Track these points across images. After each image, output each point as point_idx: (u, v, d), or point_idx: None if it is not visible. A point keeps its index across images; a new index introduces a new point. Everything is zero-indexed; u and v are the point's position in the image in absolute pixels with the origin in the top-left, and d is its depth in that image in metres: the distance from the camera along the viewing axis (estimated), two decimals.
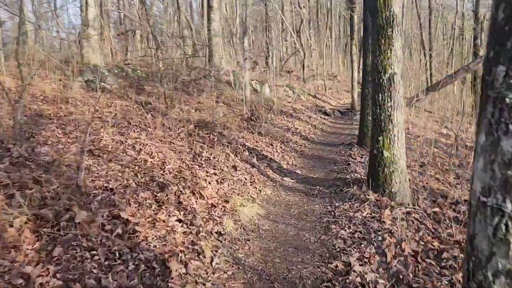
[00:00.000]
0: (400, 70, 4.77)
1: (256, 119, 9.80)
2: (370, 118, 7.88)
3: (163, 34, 16.83)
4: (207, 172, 5.09)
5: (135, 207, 3.61)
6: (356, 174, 5.97)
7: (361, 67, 15.43)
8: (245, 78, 11.22)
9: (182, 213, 3.78)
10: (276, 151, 7.25)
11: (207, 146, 6.25)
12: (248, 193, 4.96)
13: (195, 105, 9.53)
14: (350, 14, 28.65)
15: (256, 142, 7.46)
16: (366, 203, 4.55)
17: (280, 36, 24.28)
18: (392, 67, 4.70)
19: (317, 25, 32.55)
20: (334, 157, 7.54)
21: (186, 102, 9.48)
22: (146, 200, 3.82)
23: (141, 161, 4.87)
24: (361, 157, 7.42)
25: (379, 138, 4.85)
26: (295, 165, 6.83)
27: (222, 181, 4.97)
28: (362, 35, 14.37)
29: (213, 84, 12.16)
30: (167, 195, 4.02)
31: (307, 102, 15.33)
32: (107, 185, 3.92)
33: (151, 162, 4.91)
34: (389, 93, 4.73)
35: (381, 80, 4.75)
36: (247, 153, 6.51)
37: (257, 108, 10.92)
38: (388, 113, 4.76)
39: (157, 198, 3.94)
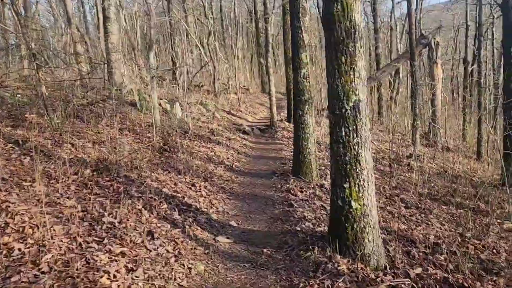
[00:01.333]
0: (366, 96, 3.69)
1: (170, 149, 8.24)
2: (306, 143, 6.84)
3: (48, 50, 14.35)
4: (110, 252, 3.48)
5: None
6: (307, 224, 4.78)
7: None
8: (154, 100, 9.58)
9: None
10: (201, 195, 5.80)
11: (110, 202, 4.60)
12: (174, 278, 3.45)
13: (93, 137, 7.69)
14: (256, 23, 28.19)
15: (175, 184, 5.93)
16: (340, 280, 3.33)
17: (186, 48, 22.75)
18: (357, 93, 3.59)
19: (223, 37, 31.72)
20: (271, 194, 6.31)
21: (80, 134, 7.60)
22: None
23: (1, 251, 3.12)
24: (302, 191, 6.31)
25: (345, 185, 3.70)
26: (227, 213, 5.44)
27: (134, 265, 3.40)
28: (285, 47, 13.58)
29: (115, 107, 10.33)
30: None
31: (223, 120, 14.06)
32: None
33: (20, 250, 3.19)
34: (354, 127, 3.61)
35: (343, 110, 3.61)
36: (166, 205, 4.96)
37: (170, 134, 9.35)
38: (355, 152, 3.63)
39: None
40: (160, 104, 12.27)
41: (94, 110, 9.66)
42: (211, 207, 5.46)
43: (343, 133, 3.64)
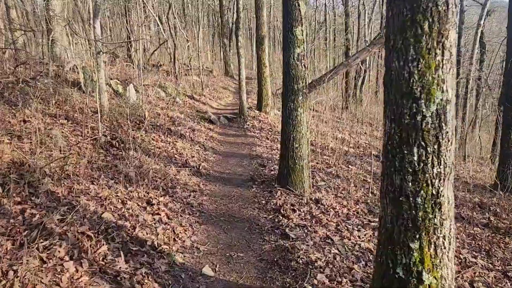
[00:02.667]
0: (455, 94, 2.15)
1: (119, 145, 6.45)
2: (298, 146, 5.29)
3: None
4: None
5: None
6: (320, 277, 3.23)
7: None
8: (101, 80, 7.65)
9: None
10: (161, 219, 4.11)
11: (12, 245, 2.85)
12: None
13: (15, 127, 5.77)
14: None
15: (123, 203, 4.19)
16: None
17: (143, 23, 20.37)
18: (444, 88, 2.05)
19: (183, 14, 29.34)
20: (254, 214, 4.70)
21: None
22: None
23: None
24: (294, 210, 4.77)
25: (412, 245, 2.18)
26: (198, 249, 3.80)
27: None
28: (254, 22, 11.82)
29: (52, 88, 8.33)
30: None
31: (185, 106, 12.23)
32: None
33: None
34: (436, 146, 2.07)
35: (418, 118, 2.06)
36: (105, 246, 3.25)
37: (120, 124, 7.50)
38: (434, 191, 2.11)
39: None
40: (110, 85, 10.29)
41: (25, 91, 7.65)
42: (175, 241, 3.79)
43: (416, 157, 2.09)
